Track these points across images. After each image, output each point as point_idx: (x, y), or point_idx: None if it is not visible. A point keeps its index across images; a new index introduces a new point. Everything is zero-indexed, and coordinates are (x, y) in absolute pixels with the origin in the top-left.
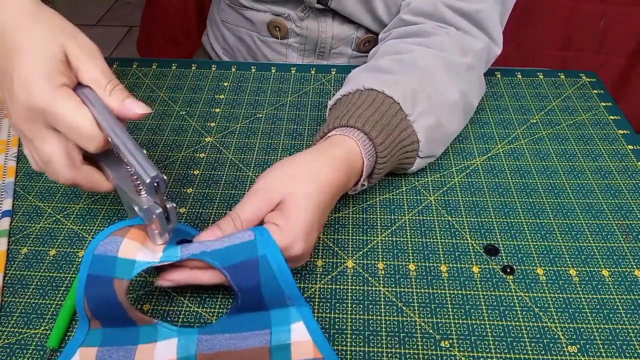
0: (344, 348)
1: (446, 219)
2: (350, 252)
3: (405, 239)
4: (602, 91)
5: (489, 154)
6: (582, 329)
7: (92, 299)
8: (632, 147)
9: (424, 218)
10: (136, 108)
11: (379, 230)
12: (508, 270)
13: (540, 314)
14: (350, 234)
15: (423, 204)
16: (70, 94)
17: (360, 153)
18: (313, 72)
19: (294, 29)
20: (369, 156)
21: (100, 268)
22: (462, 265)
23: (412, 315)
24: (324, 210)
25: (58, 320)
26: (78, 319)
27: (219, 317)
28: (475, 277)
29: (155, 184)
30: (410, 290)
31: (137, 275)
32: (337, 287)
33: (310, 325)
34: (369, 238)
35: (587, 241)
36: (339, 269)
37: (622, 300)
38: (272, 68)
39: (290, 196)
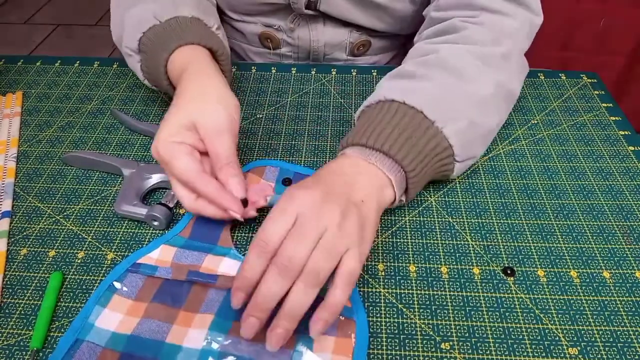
0: None
1: (447, 220)
2: None
3: (405, 240)
4: (602, 92)
5: (490, 155)
6: (583, 331)
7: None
8: (633, 148)
9: (425, 219)
10: (234, 189)
11: (379, 231)
12: (509, 272)
13: (541, 315)
14: None
15: (423, 205)
16: (182, 149)
17: (379, 168)
18: (313, 72)
19: (286, 39)
20: (394, 171)
21: None
22: (463, 267)
23: (412, 316)
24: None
25: (38, 321)
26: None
27: None
28: (476, 278)
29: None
30: (410, 291)
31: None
32: None
33: None
34: None
35: (588, 242)
36: None
37: (623, 302)
38: (273, 68)
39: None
